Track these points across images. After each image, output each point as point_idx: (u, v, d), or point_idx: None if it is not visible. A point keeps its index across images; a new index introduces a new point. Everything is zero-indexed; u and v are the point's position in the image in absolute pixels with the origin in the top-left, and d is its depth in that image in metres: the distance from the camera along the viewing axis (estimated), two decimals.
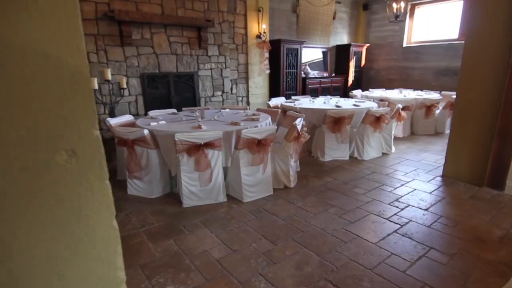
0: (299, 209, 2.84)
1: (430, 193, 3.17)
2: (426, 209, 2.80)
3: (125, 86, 4.59)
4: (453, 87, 7.01)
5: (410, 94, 6.23)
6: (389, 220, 2.61)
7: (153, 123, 3.25)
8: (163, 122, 3.36)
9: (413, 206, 2.86)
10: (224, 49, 5.68)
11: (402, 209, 2.80)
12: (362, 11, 8.66)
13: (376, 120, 4.16)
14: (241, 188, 2.97)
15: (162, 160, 3.18)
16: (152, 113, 4.21)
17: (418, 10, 7.74)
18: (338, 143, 4.26)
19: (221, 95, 5.85)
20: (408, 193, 3.16)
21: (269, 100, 5.64)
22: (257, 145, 2.87)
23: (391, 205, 2.88)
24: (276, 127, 2.95)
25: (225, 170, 3.15)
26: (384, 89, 7.41)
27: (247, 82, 6.55)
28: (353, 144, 4.37)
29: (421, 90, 6.91)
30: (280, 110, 4.86)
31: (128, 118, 3.86)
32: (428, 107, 5.64)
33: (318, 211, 2.78)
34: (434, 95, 6.05)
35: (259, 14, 6.32)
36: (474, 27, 3.15)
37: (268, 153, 3.02)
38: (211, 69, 5.61)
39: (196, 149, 2.74)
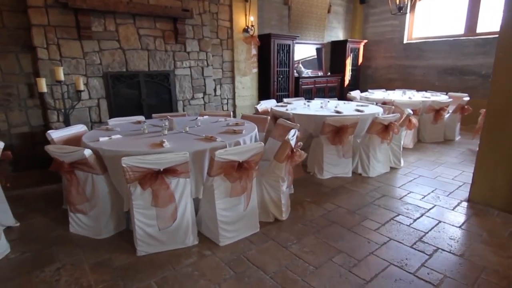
0: (294, 257, 2.11)
1: (460, 227, 2.48)
2: (462, 255, 2.11)
3: (82, 88, 3.80)
4: (459, 88, 6.40)
5: (415, 96, 5.57)
6: (417, 277, 1.90)
7: (103, 139, 2.48)
8: (118, 136, 2.59)
9: (443, 250, 2.17)
10: (205, 44, 4.91)
11: (430, 256, 2.10)
12: (359, 4, 7.97)
13: (384, 129, 3.47)
14: (216, 227, 2.23)
15: (113, 188, 2.41)
16: (112, 121, 3.43)
17: (420, 3, 7.09)
18: (339, 157, 3.55)
19: (203, 98, 5.09)
20: (433, 227, 2.47)
21: (258, 103, 4.90)
22: (238, 170, 2.13)
23: (415, 249, 2.18)
24: (263, 144, 2.22)
25: (197, 201, 2.41)
26: (384, 89, 6.74)
27: (233, 82, 5.79)
28: (357, 158, 3.67)
29: (426, 91, 6.26)
30: (269, 117, 4.14)
31: (78, 129, 3.08)
32: (437, 111, 4.98)
33: (319, 261, 2.06)
34: (442, 97, 5.40)
35: (246, 5, 5.57)
36: None
37: (253, 179, 2.28)
38: (190, 67, 4.84)
39: (152, 177, 1.99)
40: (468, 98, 5.17)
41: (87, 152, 2.18)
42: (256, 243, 2.28)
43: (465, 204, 2.87)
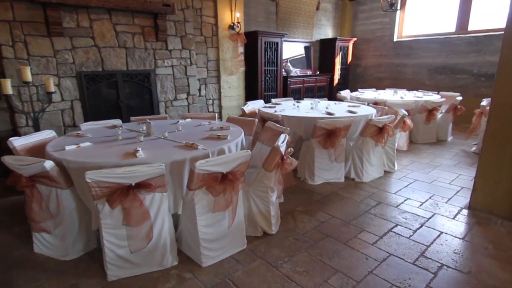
0: (285, 279, 1.88)
1: (463, 239, 2.30)
2: (469, 272, 1.93)
3: (53, 89, 3.47)
4: (450, 87, 6.31)
5: (407, 96, 5.43)
6: None
7: (70, 147, 2.19)
8: (87, 144, 2.30)
9: (448, 267, 1.98)
10: (188, 41, 4.64)
11: (435, 274, 1.91)
12: (348, 1, 7.82)
13: (378, 132, 3.28)
14: (198, 246, 1.98)
15: (81, 203, 2.13)
16: (85, 126, 3.13)
17: (410, 1, 6.98)
18: (331, 162, 3.34)
19: (186, 98, 4.81)
20: (434, 240, 2.28)
21: (245, 103, 4.66)
22: (221, 182, 1.88)
23: (418, 266, 1.98)
24: (249, 152, 1.99)
25: (176, 215, 2.15)
26: (374, 89, 6.60)
27: (218, 82, 5.53)
28: (350, 162, 3.47)
29: (417, 90, 6.14)
30: (257, 119, 3.91)
31: (46, 135, 2.76)
32: (430, 111, 4.84)
33: (314, 283, 1.84)
34: (434, 97, 5.28)
35: (232, 1, 5.31)
36: None
37: (239, 191, 2.04)
38: (172, 66, 4.55)
39: (123, 193, 1.73)
40: (460, 98, 5.06)
41: (48, 164, 1.90)
42: (243, 263, 2.04)
43: (465, 211, 2.71)
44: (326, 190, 3.19)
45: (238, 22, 5.34)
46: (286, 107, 4.22)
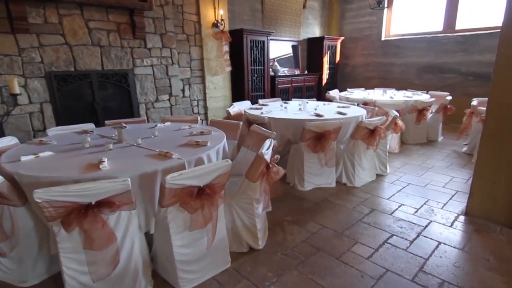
0: None
1: (463, 249, 2.14)
2: None
3: (18, 90, 3.16)
4: (438, 86, 6.23)
5: (396, 95, 5.31)
6: None
7: (26, 158, 1.93)
8: (48, 153, 2.04)
9: (450, 283, 1.81)
10: (169, 39, 4.38)
11: None
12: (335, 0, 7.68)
13: (370, 134, 3.11)
14: (174, 268, 1.75)
15: (40, 222, 1.87)
16: (52, 131, 2.85)
17: (397, 1, 6.88)
18: (322, 166, 3.16)
19: (168, 100, 4.55)
20: (433, 251, 2.11)
21: (231, 104, 4.43)
22: (198, 197, 1.66)
23: (418, 283, 1.81)
24: (229, 162, 1.77)
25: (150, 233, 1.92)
26: (363, 88, 6.47)
27: (203, 82, 5.29)
28: (341, 166, 3.29)
29: (406, 89, 6.04)
30: (242, 122, 3.70)
31: (7, 142, 2.48)
32: (420, 111, 4.73)
33: None
34: (424, 96, 5.17)
35: None
36: None
37: (218, 206, 1.82)
38: (152, 65, 4.29)
39: (81, 213, 1.48)
40: (450, 97, 4.97)
41: None
42: (226, 285, 1.82)
43: (462, 218, 2.56)
44: (316, 196, 3.00)
45: (222, 20, 5.11)
46: (274, 108, 4.01)
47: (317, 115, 3.37)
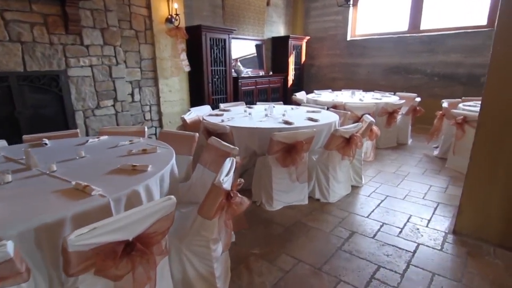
0: None
1: (460, 281, 1.83)
2: None
3: None
4: (404, 87, 6.14)
5: (365, 97, 5.08)
6: None
7: None
8: None
9: None
10: (112, 35, 3.74)
11: None
12: None
13: (345, 144, 2.76)
14: None
15: None
16: None
17: (362, 0, 6.74)
18: (293, 182, 2.75)
19: (113, 106, 3.90)
20: (428, 287, 1.77)
21: (188, 111, 3.88)
22: (126, 255, 1.14)
23: None
24: (173, 201, 1.27)
25: None
26: (330, 90, 6.23)
27: (156, 85, 4.68)
28: (314, 179, 2.90)
29: (373, 91, 5.88)
30: (200, 131, 3.20)
31: None
32: (390, 113, 4.52)
33: None
34: (393, 98, 5.00)
35: None
36: None
37: (158, 264, 1.31)
38: (91, 65, 3.63)
39: None
40: (419, 99, 4.83)
41: None
42: None
43: (451, 238, 2.27)
44: (288, 218, 2.58)
45: (176, 15, 4.55)
46: (236, 114, 3.55)
47: (286, 122, 2.95)
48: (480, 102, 4.20)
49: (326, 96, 5.35)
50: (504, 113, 1.98)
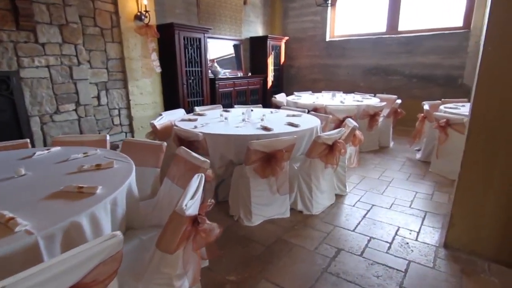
0: None
1: None
2: None
3: None
4: (384, 88, 6.07)
5: (346, 99, 4.95)
6: None
7: None
8: None
9: None
10: (72, 33, 3.38)
11: None
12: None
13: (329, 151, 2.56)
14: None
15: None
16: None
17: (340, 0, 6.64)
18: (273, 194, 2.52)
19: (75, 110, 3.54)
20: None
21: (159, 115, 3.58)
22: None
23: None
24: (118, 238, 1.01)
25: None
26: (311, 92, 6.07)
27: (125, 87, 4.33)
28: (295, 190, 2.69)
29: (354, 92, 5.77)
30: (171, 139, 2.94)
31: None
32: (372, 116, 4.40)
33: None
34: (373, 100, 4.91)
35: None
36: None
37: None
38: (48, 66, 3.26)
39: None
40: (400, 101, 4.74)
41: None
42: None
43: (443, 253, 2.11)
44: (268, 235, 2.34)
45: (146, 11, 4.22)
46: (212, 118, 3.29)
47: (265, 128, 2.72)
48: (460, 104, 4.21)
49: (306, 98, 5.18)
50: (495, 120, 1.84)
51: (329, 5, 5.57)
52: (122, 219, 1.43)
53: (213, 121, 3.16)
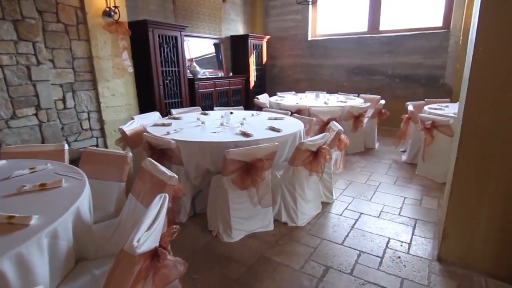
0: None
1: None
2: None
3: None
4: (367, 88, 5.97)
5: (330, 100, 4.80)
6: None
7: None
8: None
9: None
10: (30, 29, 3.04)
11: None
12: None
13: (313, 158, 2.37)
14: None
15: None
16: None
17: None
18: (254, 206, 2.30)
19: (35, 115, 3.20)
20: None
21: (131, 119, 3.29)
22: None
23: None
24: None
25: None
26: (294, 92, 5.90)
27: (95, 88, 4.00)
28: (279, 200, 2.48)
29: (337, 93, 5.63)
30: (141, 146, 2.68)
31: None
32: (356, 117, 4.26)
33: None
34: (357, 101, 4.77)
35: None
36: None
37: None
38: (1, 66, 2.91)
39: None
40: (384, 101, 4.63)
41: None
42: None
43: (436, 267, 1.96)
44: (250, 253, 2.12)
45: (115, 7, 3.90)
46: (187, 123, 3.03)
47: (244, 134, 2.50)
48: (444, 105, 4.13)
49: (289, 99, 4.99)
50: (488, 125, 1.69)
51: (309, 3, 5.41)
52: (67, 253, 1.18)
53: (189, 125, 2.91)
